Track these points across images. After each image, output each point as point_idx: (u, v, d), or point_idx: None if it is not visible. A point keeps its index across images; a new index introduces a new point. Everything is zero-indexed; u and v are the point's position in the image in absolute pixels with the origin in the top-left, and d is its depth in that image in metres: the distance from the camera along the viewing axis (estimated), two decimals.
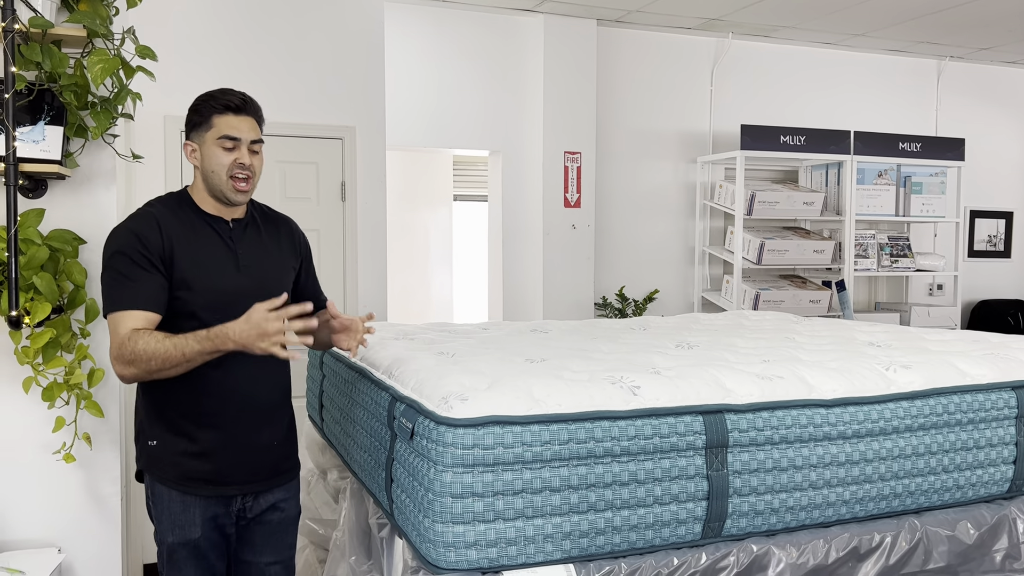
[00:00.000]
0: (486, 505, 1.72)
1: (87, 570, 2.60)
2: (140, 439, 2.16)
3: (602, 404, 1.84)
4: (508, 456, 1.73)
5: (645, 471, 1.84)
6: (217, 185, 2.09)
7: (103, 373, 2.50)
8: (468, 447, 1.71)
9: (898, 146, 5.69)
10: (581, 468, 1.79)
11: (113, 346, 1.95)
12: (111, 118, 2.45)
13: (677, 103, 5.69)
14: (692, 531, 1.90)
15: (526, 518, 1.75)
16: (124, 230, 2.06)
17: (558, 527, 1.77)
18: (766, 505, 1.95)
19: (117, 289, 1.99)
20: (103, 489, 2.62)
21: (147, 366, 1.92)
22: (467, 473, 1.71)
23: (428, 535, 1.75)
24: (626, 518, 1.83)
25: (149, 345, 1.91)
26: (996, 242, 6.62)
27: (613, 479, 1.81)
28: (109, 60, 2.36)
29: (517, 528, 1.74)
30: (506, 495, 1.73)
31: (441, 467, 1.72)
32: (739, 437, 1.92)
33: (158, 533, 2.13)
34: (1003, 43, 5.92)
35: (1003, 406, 2.23)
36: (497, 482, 1.73)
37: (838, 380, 2.10)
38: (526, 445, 1.74)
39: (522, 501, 1.74)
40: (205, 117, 2.10)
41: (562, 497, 1.77)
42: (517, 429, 1.74)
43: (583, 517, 1.79)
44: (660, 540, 1.87)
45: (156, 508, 2.12)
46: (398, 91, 4.88)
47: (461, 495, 1.71)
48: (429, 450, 1.76)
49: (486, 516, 1.72)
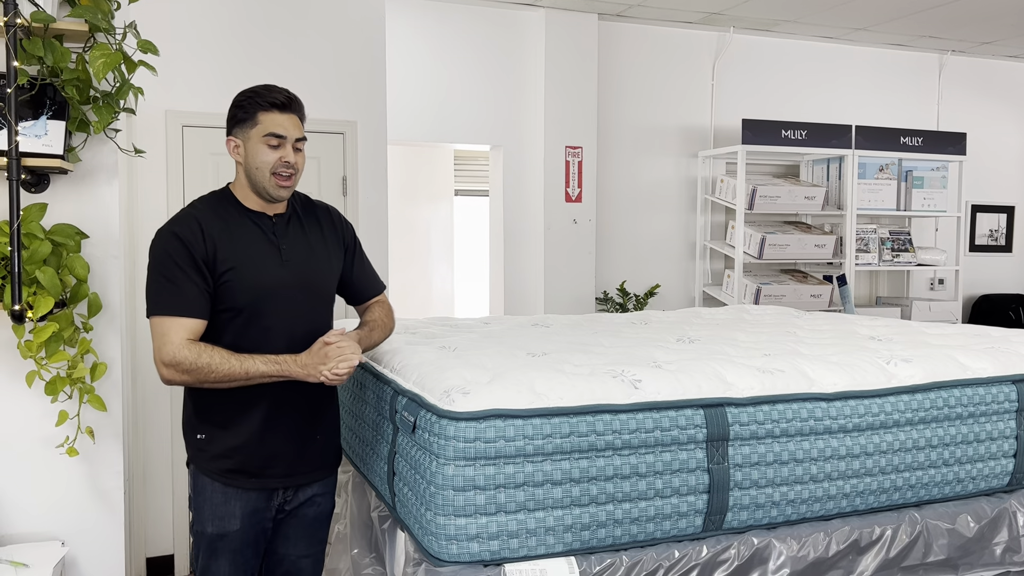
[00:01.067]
0: (488, 498, 1.73)
1: (90, 563, 2.61)
2: (188, 432, 2.18)
3: (603, 398, 1.84)
4: (510, 449, 1.74)
5: (646, 464, 1.84)
6: (260, 182, 2.11)
7: (105, 367, 2.51)
8: (470, 440, 1.72)
9: (899, 140, 5.69)
10: (582, 461, 1.80)
11: (162, 351, 1.98)
12: (113, 113, 2.45)
13: (678, 97, 5.68)
14: (693, 524, 1.91)
15: (528, 511, 1.76)
16: (167, 233, 2.07)
17: (559, 520, 1.78)
18: (767, 498, 1.96)
19: (161, 293, 2.02)
20: (106, 483, 2.63)
21: (204, 377, 1.98)
22: (469, 466, 1.72)
23: (430, 528, 1.76)
24: (627, 511, 1.84)
25: (214, 360, 1.97)
26: (997, 236, 6.61)
27: (614, 472, 1.82)
28: (111, 55, 2.36)
29: (519, 521, 1.75)
30: (508, 488, 1.74)
31: (443, 460, 1.73)
32: (740, 430, 1.93)
33: (197, 523, 2.15)
34: (1005, 37, 5.91)
35: (1003, 399, 2.24)
36: (499, 475, 1.73)
37: (838, 374, 2.11)
38: (527, 438, 1.75)
39: (524, 494, 1.75)
40: (250, 114, 2.11)
41: (563, 490, 1.78)
42: (519, 423, 1.75)
43: (584, 510, 1.80)
44: (661, 533, 1.88)
45: (197, 499, 2.15)
46: (399, 86, 4.87)
47: (463, 488, 1.72)
48: (431, 443, 1.77)
49: (488, 509, 1.73)
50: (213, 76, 3.97)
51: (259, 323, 2.09)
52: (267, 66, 4.03)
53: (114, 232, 2.61)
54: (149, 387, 3.92)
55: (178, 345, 1.97)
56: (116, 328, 2.63)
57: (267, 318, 2.09)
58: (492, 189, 5.44)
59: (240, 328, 2.07)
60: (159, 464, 3.95)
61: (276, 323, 2.10)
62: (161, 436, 3.94)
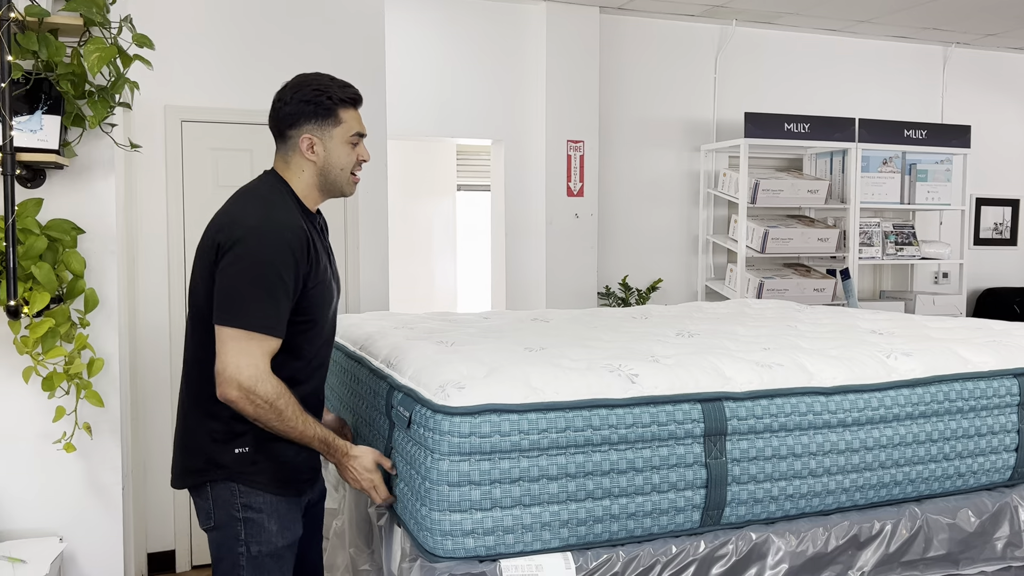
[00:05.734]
0: (483, 493, 1.72)
1: (88, 559, 2.61)
2: (218, 449, 1.94)
3: (600, 392, 1.83)
4: (505, 444, 1.73)
5: (643, 459, 1.83)
6: (339, 182, 2.02)
7: (103, 363, 2.50)
8: (465, 435, 1.71)
9: (903, 133, 5.65)
10: (579, 456, 1.78)
11: (243, 372, 1.79)
12: (108, 107, 2.44)
13: (680, 91, 5.65)
14: (691, 519, 1.89)
15: (523, 506, 1.75)
16: (282, 242, 1.86)
17: (555, 515, 1.77)
18: (765, 493, 1.95)
19: (257, 303, 1.82)
20: (104, 478, 2.63)
21: (264, 419, 1.83)
22: (464, 461, 1.71)
23: (425, 523, 1.75)
24: (624, 506, 1.82)
25: (287, 411, 1.84)
26: (1002, 230, 6.58)
27: (611, 467, 1.80)
28: (106, 49, 2.35)
29: (514, 516, 1.74)
30: (503, 483, 1.73)
31: (438, 455, 1.72)
32: (738, 425, 1.92)
33: (252, 544, 1.94)
34: (1009, 29, 5.87)
35: (1005, 393, 2.22)
36: (494, 470, 1.72)
37: (838, 368, 2.09)
38: (523, 433, 1.74)
39: (519, 489, 1.74)
40: (331, 111, 1.98)
41: (559, 485, 1.77)
42: (514, 417, 1.74)
43: (581, 505, 1.79)
44: (658, 528, 1.87)
45: (255, 516, 1.94)
46: (400, 80, 4.86)
47: (458, 483, 1.71)
48: (426, 438, 1.76)
49: (483, 504, 1.72)
50: (212, 70, 3.96)
51: (321, 332, 2.03)
52: (266, 60, 4.02)
53: (111, 227, 2.61)
54: (149, 382, 3.92)
55: (264, 373, 1.81)
56: (113, 323, 2.62)
57: (326, 326, 2.05)
58: (493, 183, 5.42)
59: (312, 337, 1.99)
60: (160, 459, 3.95)
61: (328, 330, 2.07)
62: (162, 431, 3.94)
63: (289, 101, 1.98)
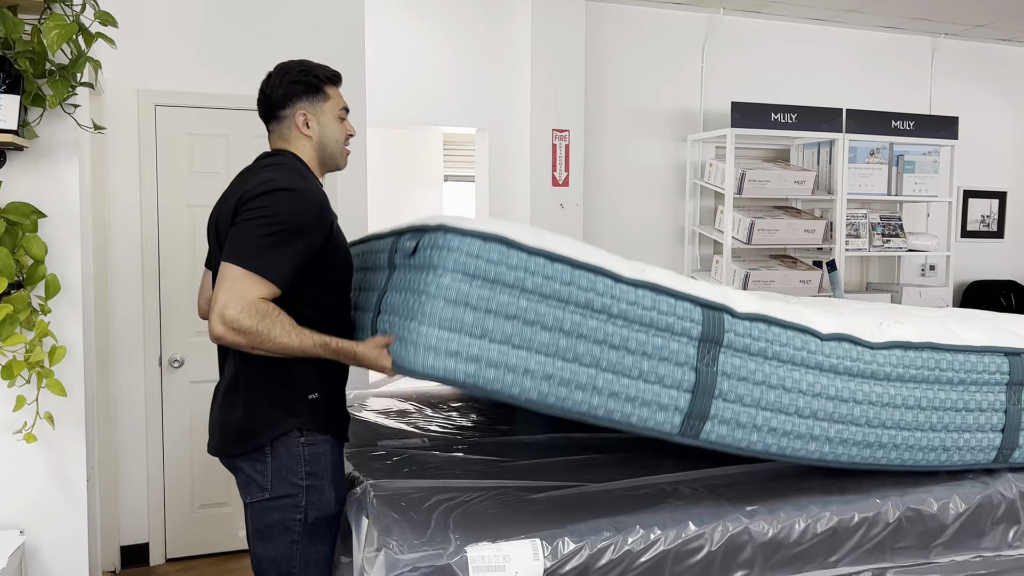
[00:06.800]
0: (476, 319, 1.68)
1: (52, 552, 2.54)
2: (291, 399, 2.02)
3: (609, 266, 1.82)
4: (509, 277, 1.70)
5: (637, 342, 1.79)
6: (335, 155, 2.20)
7: (65, 351, 2.43)
8: (473, 255, 1.69)
9: (891, 124, 5.61)
10: (576, 316, 1.75)
11: (230, 303, 1.82)
12: (69, 86, 2.36)
13: (667, 80, 5.60)
14: (671, 421, 1.83)
15: (512, 346, 1.70)
16: (313, 205, 1.97)
17: (541, 366, 1.72)
18: (749, 419, 1.89)
19: (264, 249, 1.87)
20: (68, 469, 2.56)
21: (259, 343, 1.84)
22: (465, 282, 1.68)
23: (412, 337, 1.70)
24: (608, 382, 1.77)
25: (274, 331, 1.83)
26: (989, 222, 6.55)
27: (605, 338, 1.77)
28: (66, 26, 2.26)
29: (501, 352, 1.69)
30: (498, 316, 1.69)
31: (442, 270, 1.70)
32: (734, 340, 1.89)
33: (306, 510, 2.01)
34: (998, 20, 5.83)
35: (995, 370, 2.18)
36: (492, 300, 1.69)
37: (833, 321, 2.07)
38: (529, 272, 1.72)
39: (512, 328, 1.70)
40: (319, 88, 2.15)
41: (551, 337, 1.73)
42: (523, 255, 1.72)
43: (567, 365, 1.74)
44: (637, 419, 1.80)
45: (315, 484, 2.02)
46: (384, 67, 4.78)
47: (455, 301, 1.67)
48: (432, 257, 1.74)
49: (473, 330, 1.68)
50: (187, 54, 3.88)
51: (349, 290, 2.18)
52: (243, 44, 3.94)
53: (74, 211, 2.53)
54: (122, 370, 3.85)
55: (249, 305, 1.82)
56: (76, 310, 2.55)
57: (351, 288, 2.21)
58: (478, 172, 5.35)
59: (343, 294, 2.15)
60: (132, 450, 3.89)
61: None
62: (136, 421, 3.87)
63: (279, 84, 2.15)
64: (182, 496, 3.97)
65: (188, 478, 3.96)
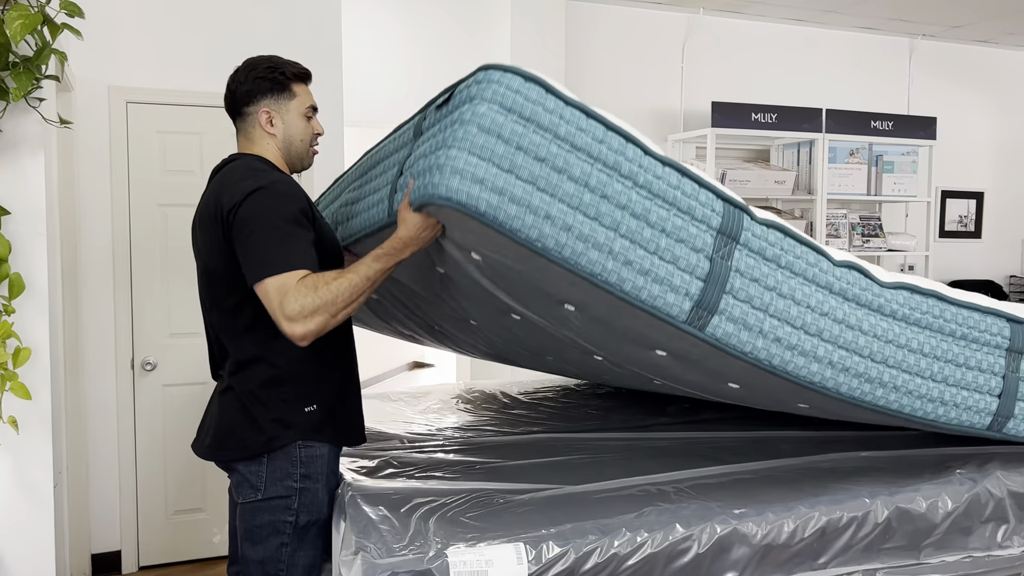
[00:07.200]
0: (506, 152, 1.65)
1: (17, 560, 2.45)
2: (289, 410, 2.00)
3: (641, 138, 1.80)
4: (544, 119, 1.68)
5: (658, 216, 1.76)
6: (300, 153, 2.15)
7: (29, 352, 2.35)
8: (512, 89, 1.67)
9: (870, 124, 5.62)
10: (603, 175, 1.72)
11: (286, 305, 1.80)
12: (33, 79, 2.28)
13: (647, 80, 5.57)
14: (680, 305, 1.78)
15: (537, 188, 1.66)
16: (289, 193, 1.95)
17: (562, 215, 1.68)
18: (757, 322, 1.84)
19: (281, 249, 1.86)
20: (33, 476, 2.47)
21: (333, 308, 1.82)
22: (501, 113, 1.66)
23: (438, 162, 1.66)
24: (624, 248, 1.73)
25: (330, 287, 1.81)
26: (967, 223, 6.59)
27: (627, 203, 1.74)
28: (30, 16, 2.19)
29: (526, 191, 1.65)
30: (527, 154, 1.66)
31: (479, 101, 1.67)
32: (750, 239, 1.86)
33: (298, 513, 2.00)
34: (975, 21, 5.87)
35: (996, 332, 2.15)
36: (525, 138, 1.66)
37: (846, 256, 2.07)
38: (564, 120, 1.70)
39: (540, 169, 1.67)
40: (284, 85, 2.11)
41: (576, 189, 1.69)
42: (560, 103, 1.72)
43: (588, 221, 1.70)
44: (647, 296, 1.75)
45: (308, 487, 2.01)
46: (361, 66, 4.71)
47: (488, 130, 1.64)
48: (469, 90, 1.72)
49: (502, 163, 1.64)
50: (158, 51, 3.80)
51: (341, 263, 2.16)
52: (217, 41, 3.86)
53: (40, 208, 2.44)
54: (92, 373, 3.75)
55: (293, 290, 1.80)
56: (43, 311, 2.46)
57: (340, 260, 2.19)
58: None
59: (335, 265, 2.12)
60: (104, 455, 3.79)
61: None
62: (107, 426, 3.78)
63: (244, 80, 2.10)
64: (155, 502, 3.87)
65: (161, 484, 3.87)
